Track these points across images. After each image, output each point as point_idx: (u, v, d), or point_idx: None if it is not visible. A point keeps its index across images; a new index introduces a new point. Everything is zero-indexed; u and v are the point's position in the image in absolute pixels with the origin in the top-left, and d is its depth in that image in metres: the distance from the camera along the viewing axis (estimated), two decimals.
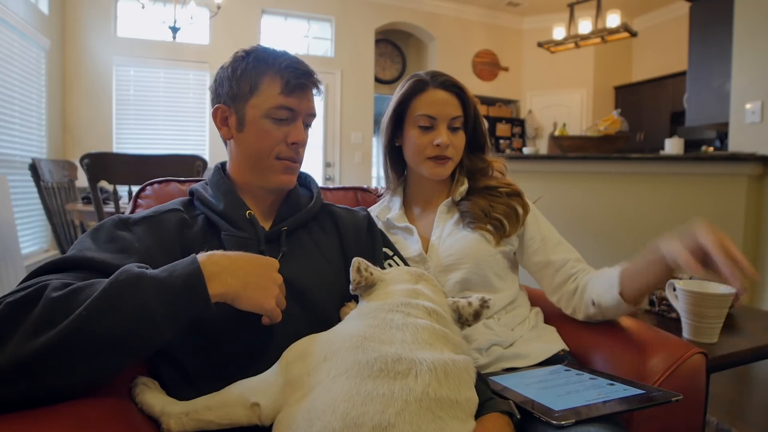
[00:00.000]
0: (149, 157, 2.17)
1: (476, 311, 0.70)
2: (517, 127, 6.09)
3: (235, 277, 0.62)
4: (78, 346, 0.51)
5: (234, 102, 0.80)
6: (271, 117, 0.79)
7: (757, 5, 2.69)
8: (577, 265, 0.97)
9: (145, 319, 0.54)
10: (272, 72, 0.78)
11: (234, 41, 4.41)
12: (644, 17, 5.63)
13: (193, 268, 0.59)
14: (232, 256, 0.64)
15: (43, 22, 3.58)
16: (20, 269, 2.85)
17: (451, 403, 0.55)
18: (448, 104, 0.98)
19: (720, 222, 2.43)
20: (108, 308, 0.52)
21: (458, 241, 0.96)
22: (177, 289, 0.56)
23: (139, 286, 0.55)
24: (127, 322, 0.53)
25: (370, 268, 0.72)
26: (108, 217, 0.73)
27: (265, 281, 0.65)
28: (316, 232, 0.87)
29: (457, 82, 1.00)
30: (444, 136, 0.97)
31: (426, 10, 5.38)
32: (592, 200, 2.79)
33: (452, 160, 1.00)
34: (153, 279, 0.56)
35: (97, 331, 0.51)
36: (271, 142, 0.80)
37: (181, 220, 0.78)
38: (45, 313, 0.51)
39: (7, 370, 0.49)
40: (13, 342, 0.49)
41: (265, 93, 0.78)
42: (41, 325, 0.50)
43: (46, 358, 0.49)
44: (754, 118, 2.67)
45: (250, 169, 0.83)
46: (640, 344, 0.89)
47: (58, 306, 0.52)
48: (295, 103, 0.79)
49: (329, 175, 5.01)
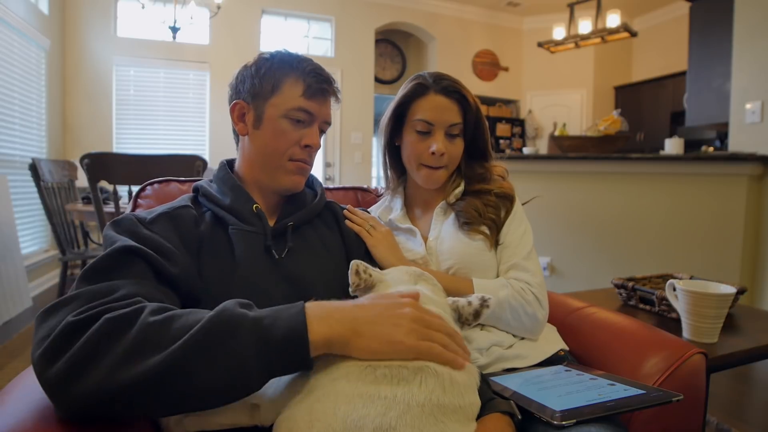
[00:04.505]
0: (149, 157, 2.16)
1: (476, 310, 0.70)
2: (517, 127, 6.09)
3: (343, 321, 0.56)
4: (167, 384, 0.48)
5: (254, 99, 0.81)
6: (290, 118, 0.80)
7: (757, 5, 2.69)
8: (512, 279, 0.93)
9: (239, 371, 0.50)
10: (296, 74, 0.80)
11: (234, 41, 4.41)
12: (644, 17, 5.63)
13: (297, 321, 0.54)
14: (348, 303, 0.60)
15: (43, 22, 3.58)
16: (20, 269, 2.85)
17: (454, 409, 0.55)
18: (447, 110, 0.96)
19: (720, 222, 2.43)
20: (203, 350, 0.49)
21: (454, 246, 0.95)
22: (277, 344, 0.52)
23: (237, 335, 0.51)
24: (221, 371, 0.50)
25: (369, 269, 0.72)
26: (120, 217, 0.72)
27: (395, 317, 0.58)
28: (320, 228, 0.89)
29: (460, 87, 0.97)
30: (440, 143, 0.95)
31: (426, 10, 5.38)
32: (592, 200, 2.79)
33: (446, 168, 0.98)
34: (253, 327, 0.52)
35: (189, 374, 0.49)
36: (287, 143, 0.81)
37: (193, 216, 0.78)
38: (140, 339, 0.49)
39: (94, 394, 0.47)
40: (103, 365, 0.48)
41: (287, 94, 0.80)
42: (135, 353, 0.49)
43: (132, 392, 0.47)
44: (754, 118, 2.67)
45: (261, 167, 0.83)
46: (640, 344, 0.89)
47: (154, 333, 0.50)
48: (314, 107, 0.81)
49: (329, 175, 5.01)
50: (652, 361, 0.82)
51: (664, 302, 1.30)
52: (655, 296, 1.33)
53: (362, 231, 0.94)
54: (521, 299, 0.88)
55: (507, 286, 0.90)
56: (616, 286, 1.47)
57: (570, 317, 1.06)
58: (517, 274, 0.92)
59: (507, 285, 0.90)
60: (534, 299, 0.89)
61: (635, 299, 1.41)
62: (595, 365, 0.91)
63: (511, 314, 0.88)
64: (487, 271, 0.94)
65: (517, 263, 0.93)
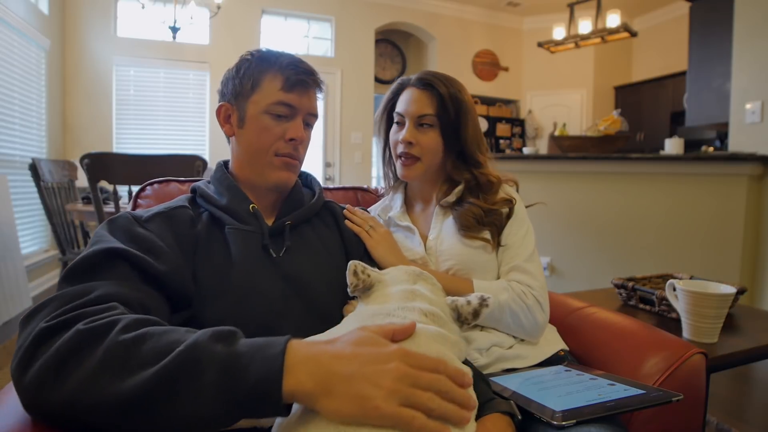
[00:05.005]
0: (149, 157, 2.16)
1: (475, 310, 0.69)
2: (517, 127, 6.09)
3: (315, 374, 0.47)
4: (128, 413, 0.46)
5: (236, 99, 0.82)
6: (271, 113, 0.80)
7: (757, 5, 2.69)
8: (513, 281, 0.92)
9: (200, 417, 0.46)
10: (274, 70, 0.80)
11: (234, 41, 4.41)
12: (644, 17, 5.63)
13: (272, 369, 0.47)
14: (328, 349, 0.50)
15: (43, 22, 3.58)
16: (20, 269, 2.85)
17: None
18: (418, 102, 0.96)
19: (720, 222, 2.43)
20: (166, 390, 0.46)
21: (454, 246, 0.94)
22: (245, 393, 0.46)
23: (203, 377, 0.46)
24: (184, 411, 0.46)
25: (368, 270, 0.72)
26: (117, 215, 0.72)
27: (376, 374, 0.48)
28: (318, 227, 0.89)
29: (435, 80, 0.96)
30: (407, 132, 0.95)
31: (426, 10, 5.38)
32: (592, 200, 2.79)
33: (420, 161, 0.97)
34: (222, 371, 0.46)
35: (148, 411, 0.46)
36: (270, 138, 0.80)
37: (190, 216, 0.78)
38: (107, 358, 0.47)
39: (62, 407, 0.46)
40: (71, 381, 0.46)
41: (266, 90, 0.80)
42: (100, 373, 0.47)
43: (97, 412, 0.46)
44: (754, 118, 2.67)
45: (250, 166, 0.83)
46: (640, 344, 0.89)
47: (121, 354, 0.48)
48: (295, 99, 0.80)
49: (329, 175, 5.01)
50: (652, 361, 0.82)
51: (664, 302, 1.30)
52: (655, 296, 1.33)
53: (362, 232, 0.93)
54: (522, 303, 0.88)
55: (508, 289, 0.89)
56: (616, 286, 1.47)
57: (570, 317, 1.06)
58: (518, 276, 0.91)
59: (508, 288, 0.89)
60: (535, 303, 0.88)
61: (635, 299, 1.41)
62: (595, 365, 0.91)
63: (511, 318, 0.88)
64: (487, 273, 0.94)
65: (518, 265, 0.92)
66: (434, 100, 0.95)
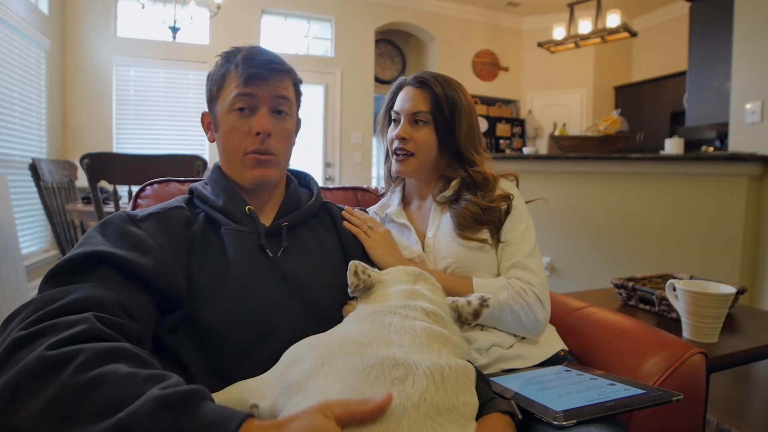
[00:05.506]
0: (149, 157, 2.16)
1: (475, 310, 0.70)
2: (517, 127, 6.09)
3: None
4: None
5: (209, 105, 0.84)
6: (233, 110, 0.79)
7: (757, 5, 2.69)
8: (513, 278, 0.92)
9: None
10: (232, 68, 0.80)
11: (234, 41, 4.34)
12: (644, 17, 5.63)
13: None
14: (281, 427, 0.45)
15: (43, 22, 3.58)
16: (20, 269, 2.85)
17: (448, 409, 0.54)
18: (413, 99, 0.98)
19: (720, 222, 2.43)
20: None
21: (452, 244, 0.94)
22: None
23: None
24: None
25: (368, 270, 0.72)
26: (112, 214, 0.73)
27: None
28: (316, 228, 0.89)
29: (430, 79, 0.97)
30: (401, 128, 0.98)
31: (426, 10, 5.38)
32: (592, 200, 2.79)
33: (414, 156, 0.98)
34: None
35: None
36: (238, 137, 0.80)
37: (185, 217, 0.78)
38: (57, 400, 0.45)
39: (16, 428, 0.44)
40: (25, 409, 0.45)
41: (227, 89, 0.80)
42: (48, 414, 0.45)
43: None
44: (754, 118, 2.67)
45: (229, 168, 0.84)
46: (640, 344, 0.89)
47: (69, 399, 0.45)
48: (253, 90, 0.78)
49: (329, 175, 5.00)
50: (652, 361, 0.82)
51: (664, 302, 1.30)
52: (655, 296, 1.33)
53: (360, 233, 0.93)
54: (522, 301, 0.88)
55: (507, 287, 0.89)
56: (616, 286, 1.47)
57: (570, 317, 1.06)
58: (518, 273, 0.91)
59: (507, 286, 0.89)
60: (535, 300, 0.88)
61: (635, 299, 1.41)
62: (595, 365, 0.91)
63: (511, 317, 0.88)
64: (486, 270, 0.94)
65: (518, 262, 0.92)
66: (429, 98, 0.97)
